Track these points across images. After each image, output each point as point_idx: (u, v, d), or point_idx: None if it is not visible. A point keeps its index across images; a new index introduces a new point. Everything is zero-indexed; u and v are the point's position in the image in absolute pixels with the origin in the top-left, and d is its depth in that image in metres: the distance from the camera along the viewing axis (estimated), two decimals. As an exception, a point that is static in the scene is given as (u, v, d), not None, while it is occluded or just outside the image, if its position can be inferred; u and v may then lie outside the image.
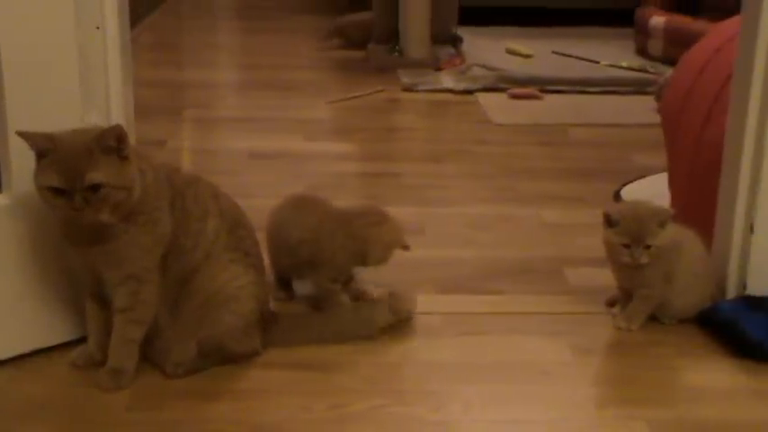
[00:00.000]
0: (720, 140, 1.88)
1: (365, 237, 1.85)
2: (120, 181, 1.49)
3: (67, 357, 1.67)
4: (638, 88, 3.63)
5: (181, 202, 1.61)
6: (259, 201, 2.18)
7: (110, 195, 1.48)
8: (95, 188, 1.47)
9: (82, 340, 1.68)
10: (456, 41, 4.23)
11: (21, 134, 1.48)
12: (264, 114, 3.36)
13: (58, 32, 1.59)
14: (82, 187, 1.46)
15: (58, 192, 1.47)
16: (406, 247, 1.90)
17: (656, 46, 4.06)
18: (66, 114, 1.61)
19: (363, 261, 1.87)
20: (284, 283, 1.93)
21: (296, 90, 3.72)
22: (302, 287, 1.94)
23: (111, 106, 1.71)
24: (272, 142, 3.02)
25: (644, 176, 2.67)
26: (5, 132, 1.58)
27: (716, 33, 2.15)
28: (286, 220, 1.90)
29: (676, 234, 1.80)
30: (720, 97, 1.93)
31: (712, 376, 1.69)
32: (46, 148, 1.48)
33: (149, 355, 1.64)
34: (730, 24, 2.07)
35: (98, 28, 1.67)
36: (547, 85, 3.66)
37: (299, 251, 1.86)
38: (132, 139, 1.60)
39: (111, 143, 1.48)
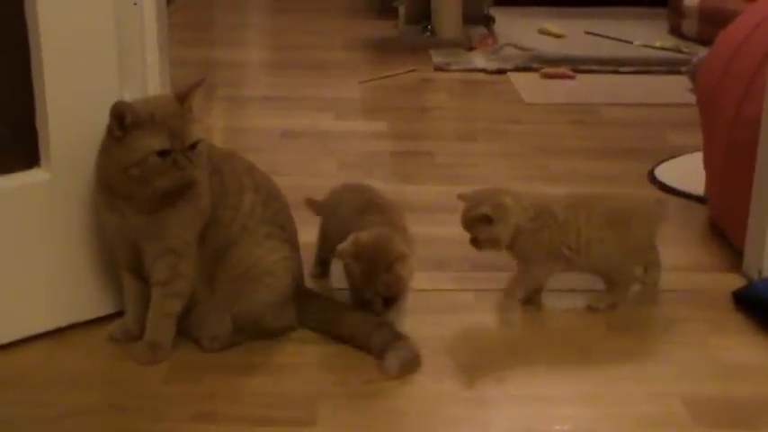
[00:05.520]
0: (758, 117, 1.86)
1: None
2: (203, 133, 1.55)
3: (105, 331, 1.68)
4: (672, 68, 3.59)
5: (219, 177, 1.62)
6: (291, 179, 2.20)
7: (203, 150, 1.55)
8: (195, 145, 1.53)
9: (120, 314, 1.70)
10: (488, 21, 4.21)
11: (121, 104, 1.50)
12: (296, 93, 3.37)
13: (96, 8, 1.60)
14: (189, 145, 1.52)
15: (162, 155, 1.50)
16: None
17: (690, 26, 4.01)
18: (104, 90, 1.62)
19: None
20: (323, 261, 1.93)
21: (328, 69, 3.72)
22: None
23: (149, 82, 1.72)
24: (305, 121, 3.03)
25: (678, 156, 2.65)
26: (44, 107, 1.59)
27: (755, 9, 2.12)
28: (348, 224, 1.79)
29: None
30: (759, 73, 1.90)
31: (747, 354, 1.69)
32: (143, 117, 1.50)
33: (186, 328, 1.66)
34: (770, 1, 2.05)
35: (135, 4, 1.68)
36: (579, 65, 3.63)
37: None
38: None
39: (194, 101, 1.55)
